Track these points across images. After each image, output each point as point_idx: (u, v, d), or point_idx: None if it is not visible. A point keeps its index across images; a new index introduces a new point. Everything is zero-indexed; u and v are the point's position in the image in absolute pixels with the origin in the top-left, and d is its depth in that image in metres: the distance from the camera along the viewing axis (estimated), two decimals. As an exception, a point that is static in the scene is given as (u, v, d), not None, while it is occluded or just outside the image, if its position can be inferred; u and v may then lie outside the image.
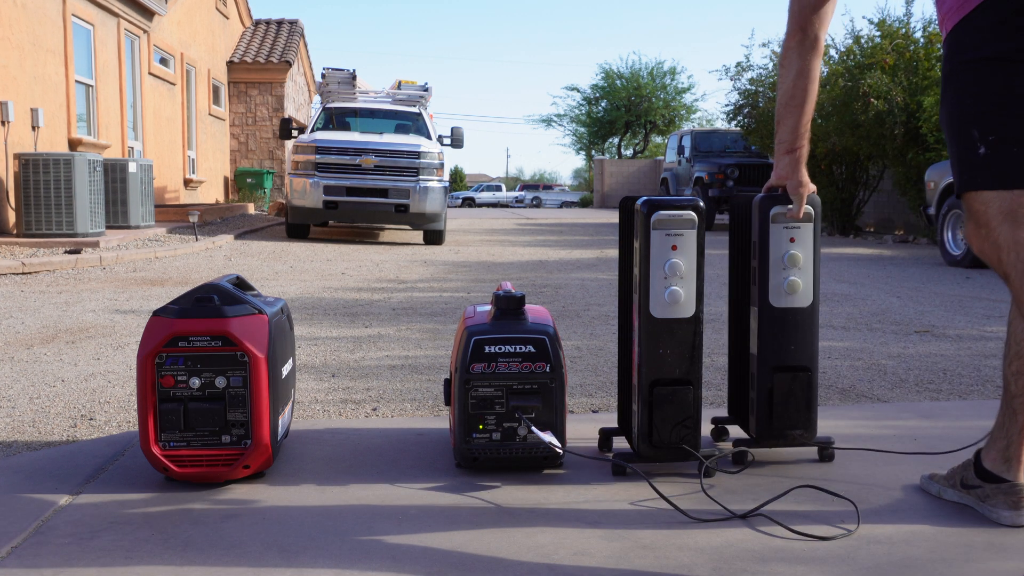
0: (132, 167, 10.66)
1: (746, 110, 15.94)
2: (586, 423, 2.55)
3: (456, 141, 12.65)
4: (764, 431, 2.13)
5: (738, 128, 16.69)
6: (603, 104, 37.81)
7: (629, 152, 38.11)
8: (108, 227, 10.26)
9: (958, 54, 1.61)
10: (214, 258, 8.71)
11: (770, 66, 15.62)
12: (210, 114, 18.84)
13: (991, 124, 1.56)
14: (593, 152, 39.93)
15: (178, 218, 12.57)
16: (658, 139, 37.96)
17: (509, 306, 2.10)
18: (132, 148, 14.02)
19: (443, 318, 4.93)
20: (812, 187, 2.05)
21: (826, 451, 2.18)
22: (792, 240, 2.07)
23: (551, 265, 8.36)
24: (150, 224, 11.18)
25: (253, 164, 20.75)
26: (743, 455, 2.14)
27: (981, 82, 1.57)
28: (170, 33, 15.87)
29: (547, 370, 2.03)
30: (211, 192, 18.67)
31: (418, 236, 12.17)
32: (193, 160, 17.48)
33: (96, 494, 1.93)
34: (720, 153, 16.70)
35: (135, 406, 2.87)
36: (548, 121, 41.52)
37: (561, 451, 2.05)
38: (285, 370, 2.14)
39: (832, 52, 14.40)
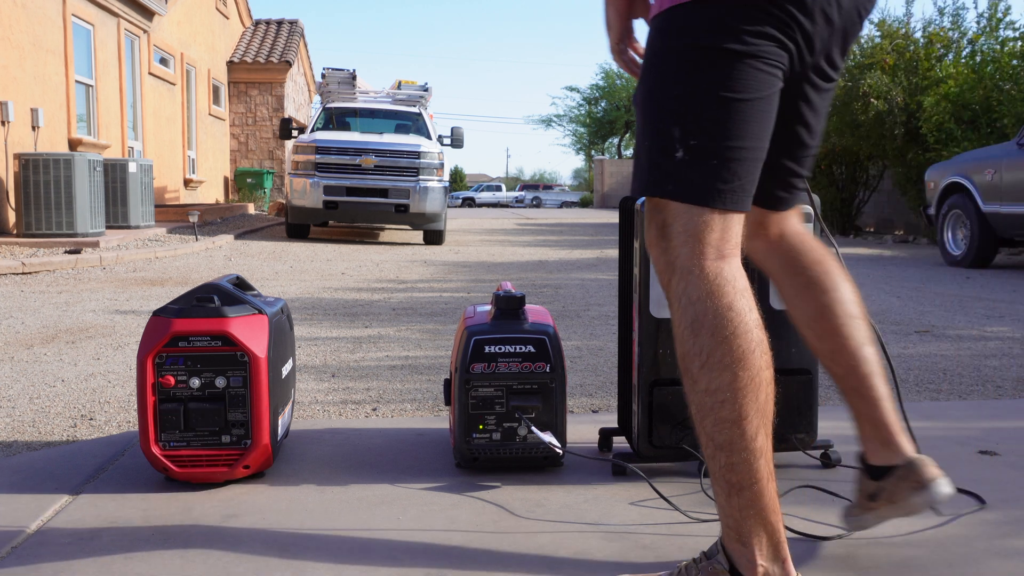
0: (132, 167, 10.67)
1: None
2: (586, 423, 2.54)
3: (456, 141, 12.66)
4: None
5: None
6: (603, 104, 37.84)
7: (629, 152, 38.12)
8: (108, 227, 10.26)
9: (676, 35, 1.34)
10: (214, 258, 8.71)
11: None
12: (210, 114, 18.84)
13: (696, 127, 1.31)
14: (593, 152, 39.97)
15: (178, 218, 12.57)
16: (658, 139, 37.91)
17: (509, 306, 2.10)
18: (132, 148, 14.02)
19: (443, 318, 4.93)
20: None
21: (828, 456, 2.15)
22: (792, 240, 2.06)
23: (551, 265, 8.36)
24: (150, 224, 11.18)
25: (253, 164, 20.75)
26: None
27: (696, 75, 1.31)
28: (170, 33, 15.87)
29: (547, 370, 2.03)
30: (211, 192, 18.67)
31: (418, 236, 12.17)
32: (193, 160, 17.48)
33: (96, 494, 1.93)
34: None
35: (135, 406, 2.87)
36: (548, 121, 41.57)
37: (561, 451, 2.05)
38: (285, 370, 2.14)
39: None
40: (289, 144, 18.30)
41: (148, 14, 14.37)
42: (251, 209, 17.33)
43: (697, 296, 1.31)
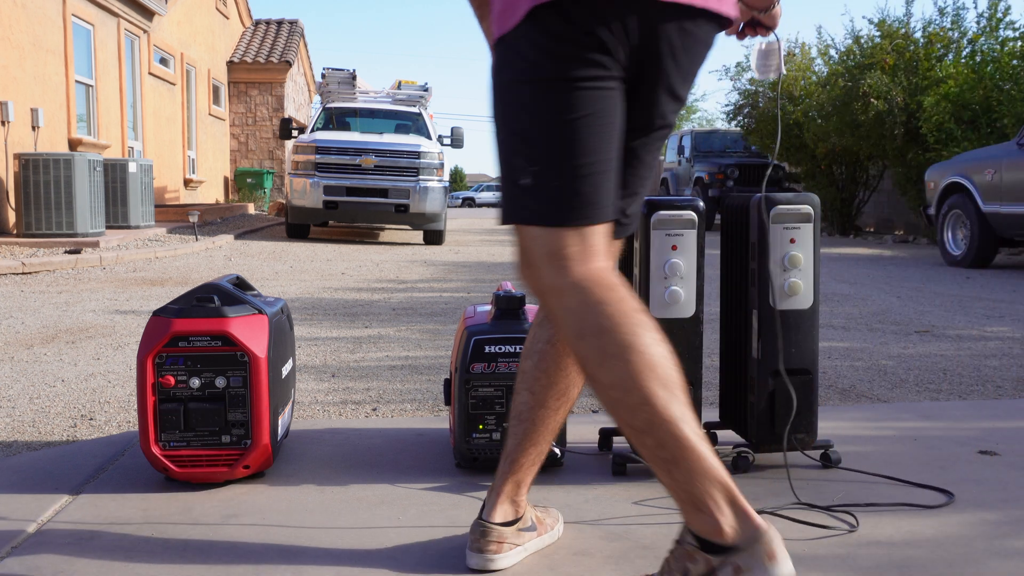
0: (132, 167, 10.66)
1: (746, 110, 15.95)
2: (586, 423, 2.55)
3: (456, 141, 12.66)
4: (764, 436, 2.09)
5: (738, 128, 16.70)
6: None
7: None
8: (108, 227, 10.26)
9: (504, 70, 1.42)
10: (214, 258, 8.71)
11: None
12: (210, 114, 18.84)
13: (535, 153, 1.38)
14: (593, 152, 39.94)
15: (178, 218, 12.57)
16: (658, 139, 37.92)
17: (509, 306, 2.10)
18: (132, 148, 14.02)
19: (443, 318, 4.93)
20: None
21: (828, 457, 2.15)
22: (792, 241, 2.05)
23: (551, 265, 8.35)
24: (150, 224, 11.18)
25: (253, 164, 20.74)
26: (745, 460, 2.11)
27: (524, 105, 1.39)
28: (170, 33, 15.87)
29: (547, 370, 2.03)
30: (211, 192, 18.67)
31: (418, 236, 12.17)
32: (193, 160, 17.48)
33: (96, 494, 1.93)
34: (720, 153, 16.71)
35: (135, 406, 2.87)
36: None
37: (560, 453, 2.05)
38: (285, 370, 2.14)
39: (832, 52, 14.41)
40: (289, 144, 18.30)
41: (148, 14, 14.37)
42: (251, 209, 17.33)
43: (574, 305, 1.36)
